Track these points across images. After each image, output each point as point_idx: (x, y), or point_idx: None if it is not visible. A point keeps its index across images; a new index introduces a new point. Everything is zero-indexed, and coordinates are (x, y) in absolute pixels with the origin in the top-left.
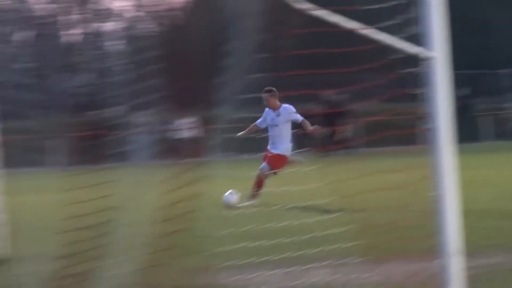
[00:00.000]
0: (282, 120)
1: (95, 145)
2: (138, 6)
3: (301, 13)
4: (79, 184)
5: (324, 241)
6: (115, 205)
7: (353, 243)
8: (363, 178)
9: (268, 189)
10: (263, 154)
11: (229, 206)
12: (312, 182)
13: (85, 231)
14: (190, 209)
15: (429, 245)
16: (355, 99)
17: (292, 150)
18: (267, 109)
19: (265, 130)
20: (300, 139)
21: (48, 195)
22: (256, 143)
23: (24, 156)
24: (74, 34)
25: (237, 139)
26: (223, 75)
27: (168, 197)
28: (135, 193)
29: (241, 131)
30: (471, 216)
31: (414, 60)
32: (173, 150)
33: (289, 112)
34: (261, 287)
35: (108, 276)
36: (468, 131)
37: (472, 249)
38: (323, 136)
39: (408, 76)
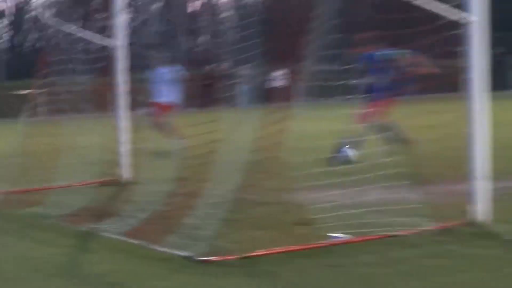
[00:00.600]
0: None
1: (209, 92)
2: None
3: None
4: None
5: (378, 168)
6: (221, 139)
7: (401, 169)
8: (414, 118)
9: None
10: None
11: (346, 161)
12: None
13: (196, 159)
14: (278, 142)
15: (463, 172)
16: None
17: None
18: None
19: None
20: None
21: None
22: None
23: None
24: (195, 4)
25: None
26: (310, 36)
27: (262, 132)
28: (238, 129)
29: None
30: (497, 149)
31: (457, 24)
32: (269, 96)
33: None
34: (327, 203)
35: (213, 194)
36: (502, 81)
37: (497, 175)
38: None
39: (453, 37)
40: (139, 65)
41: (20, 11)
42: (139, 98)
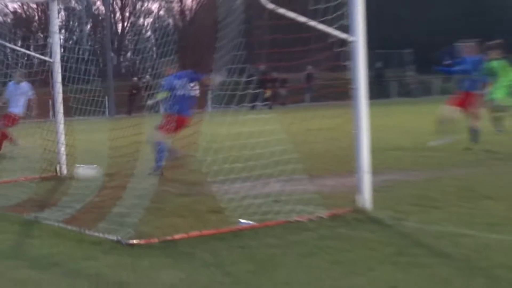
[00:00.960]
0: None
1: (135, 100)
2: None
3: (269, 11)
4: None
5: (278, 164)
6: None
7: (298, 165)
8: (308, 122)
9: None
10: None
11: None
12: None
13: (123, 157)
14: (193, 142)
15: (350, 167)
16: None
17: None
18: None
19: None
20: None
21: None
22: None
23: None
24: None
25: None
26: (218, 53)
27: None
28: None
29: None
30: (378, 148)
31: (344, 42)
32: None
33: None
34: (235, 194)
35: (137, 187)
36: (381, 91)
37: (377, 169)
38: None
39: (342, 53)
40: (74, 77)
41: None
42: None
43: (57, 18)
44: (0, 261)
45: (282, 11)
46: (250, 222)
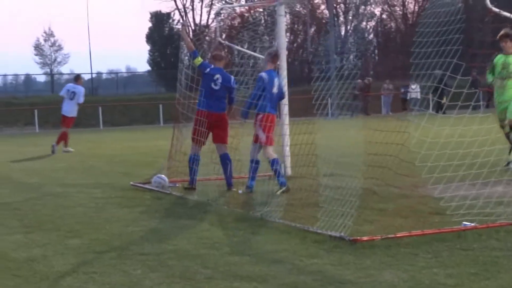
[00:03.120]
0: None
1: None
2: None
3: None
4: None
5: (497, 165)
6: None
7: None
8: None
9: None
10: None
11: None
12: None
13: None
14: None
15: None
16: None
17: None
18: None
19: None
20: None
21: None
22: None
23: None
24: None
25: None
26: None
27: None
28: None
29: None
30: None
31: None
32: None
33: None
34: (456, 195)
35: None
36: None
37: None
38: None
39: None
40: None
41: None
42: None
43: (283, 22)
44: (227, 256)
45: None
46: (473, 223)
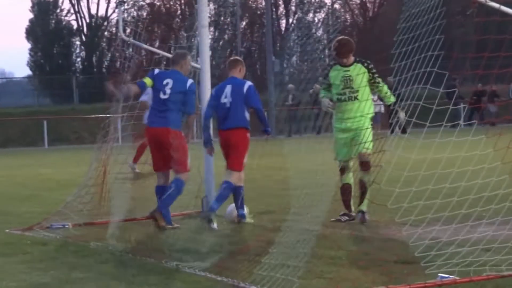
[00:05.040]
0: None
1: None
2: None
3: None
4: None
5: (491, 201)
6: None
7: None
8: None
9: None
10: None
11: None
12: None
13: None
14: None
15: None
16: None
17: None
18: None
19: None
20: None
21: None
22: None
23: None
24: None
25: None
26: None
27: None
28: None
29: None
30: None
31: None
32: None
33: None
34: (433, 240)
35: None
36: None
37: None
38: None
39: None
40: None
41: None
42: None
43: (206, 12)
44: None
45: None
46: (451, 276)
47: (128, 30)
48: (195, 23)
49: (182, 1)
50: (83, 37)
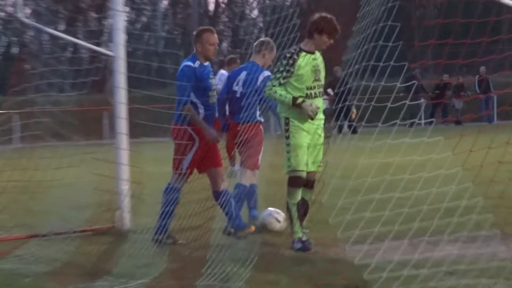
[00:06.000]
0: None
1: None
2: None
3: None
4: None
5: (452, 214)
6: None
7: (483, 217)
8: (496, 150)
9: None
10: None
11: None
12: (439, 152)
13: None
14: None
15: None
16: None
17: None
18: None
19: None
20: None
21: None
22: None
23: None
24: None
25: None
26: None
27: None
28: None
29: None
30: None
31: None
32: None
33: None
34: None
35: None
36: None
37: None
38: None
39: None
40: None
41: None
42: None
43: None
44: None
45: None
46: None
47: (29, 11)
48: (107, 2)
49: None
50: None
